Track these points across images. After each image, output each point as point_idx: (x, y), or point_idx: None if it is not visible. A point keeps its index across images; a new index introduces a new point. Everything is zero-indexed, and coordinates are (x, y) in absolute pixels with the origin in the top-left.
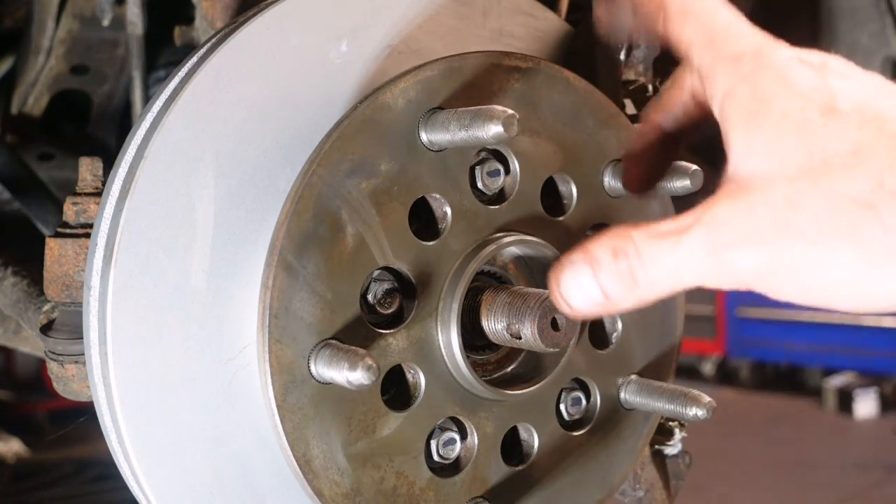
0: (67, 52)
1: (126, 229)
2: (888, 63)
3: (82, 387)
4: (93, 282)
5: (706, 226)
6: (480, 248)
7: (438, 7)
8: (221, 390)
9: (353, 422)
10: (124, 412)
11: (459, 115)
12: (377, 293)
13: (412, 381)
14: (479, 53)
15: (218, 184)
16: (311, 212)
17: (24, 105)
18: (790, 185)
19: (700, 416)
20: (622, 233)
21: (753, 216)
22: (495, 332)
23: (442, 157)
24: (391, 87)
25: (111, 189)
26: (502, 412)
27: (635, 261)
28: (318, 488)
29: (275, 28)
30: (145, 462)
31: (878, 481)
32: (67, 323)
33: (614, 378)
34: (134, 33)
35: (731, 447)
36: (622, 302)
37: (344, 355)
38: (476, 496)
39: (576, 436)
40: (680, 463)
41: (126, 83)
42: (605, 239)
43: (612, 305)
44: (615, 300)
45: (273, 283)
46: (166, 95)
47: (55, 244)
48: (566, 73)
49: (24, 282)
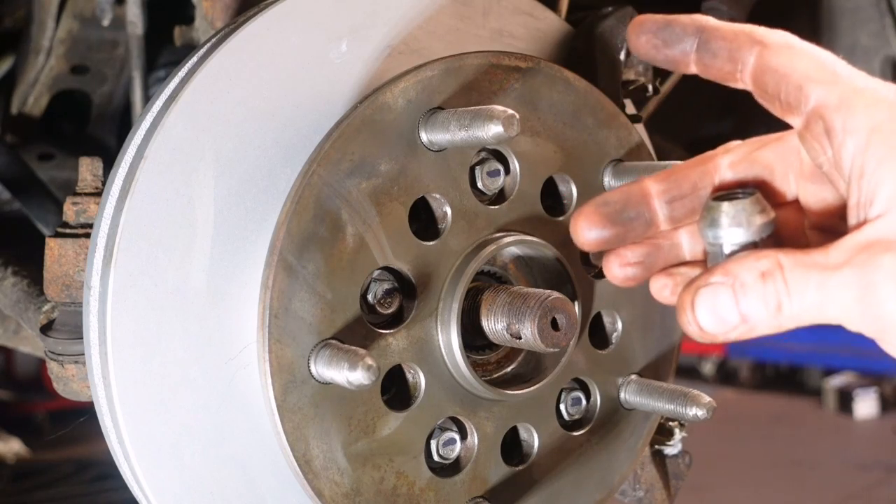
0: (67, 52)
1: (126, 229)
2: (888, 63)
3: (82, 387)
4: (93, 282)
5: (860, 269)
6: (480, 248)
7: (438, 7)
8: (221, 390)
9: (353, 422)
10: (124, 412)
11: (459, 115)
12: (377, 293)
13: (412, 381)
14: (478, 53)
15: (218, 184)
16: (311, 212)
17: (24, 105)
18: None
19: (700, 416)
20: (770, 255)
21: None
22: (495, 332)
23: (442, 157)
24: (391, 87)
25: (111, 189)
26: (502, 412)
27: (782, 286)
28: (318, 488)
29: (275, 28)
30: (145, 462)
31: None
32: (67, 323)
33: (614, 378)
34: (134, 33)
35: (731, 447)
36: (758, 328)
37: (344, 355)
38: (476, 496)
39: (576, 436)
40: (680, 463)
41: (126, 83)
42: (750, 260)
43: (748, 331)
44: (753, 325)
45: (273, 283)
46: (166, 95)
47: (55, 244)
48: (566, 73)
49: (24, 282)
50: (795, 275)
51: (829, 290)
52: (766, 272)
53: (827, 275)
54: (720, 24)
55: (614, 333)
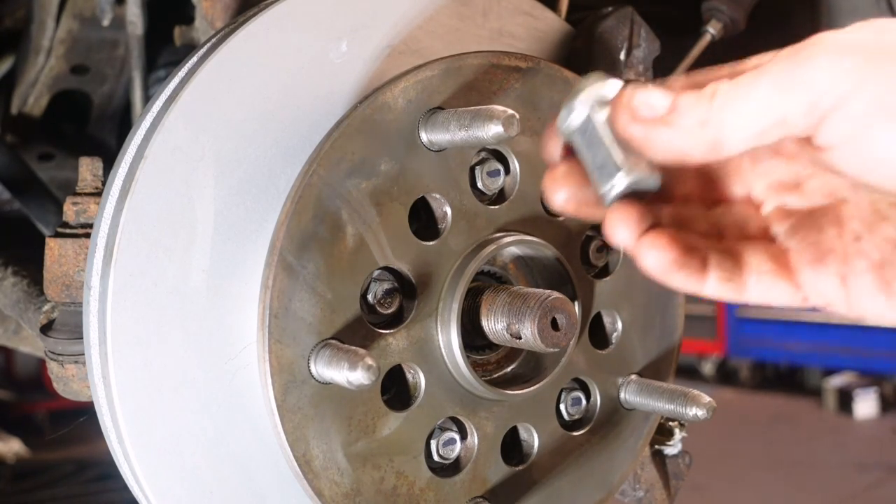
0: (67, 52)
1: (126, 229)
2: None
3: (82, 387)
4: (93, 282)
5: (789, 57)
6: (480, 248)
7: (438, 7)
8: (221, 390)
9: (353, 422)
10: (124, 412)
11: (459, 115)
12: (377, 293)
13: (412, 381)
14: (478, 53)
15: (218, 184)
16: (311, 212)
17: (24, 105)
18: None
19: (700, 416)
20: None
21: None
22: (495, 332)
23: (442, 157)
24: (391, 87)
25: (111, 189)
26: (502, 412)
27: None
28: (318, 488)
29: (275, 28)
30: (145, 462)
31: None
32: (67, 323)
33: (614, 378)
34: (134, 33)
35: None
36: (687, 129)
37: (344, 355)
38: (476, 496)
39: (576, 436)
40: (680, 463)
41: (126, 83)
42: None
43: (676, 132)
44: (680, 117)
45: (273, 283)
46: (166, 95)
47: (55, 244)
48: (566, 73)
49: (24, 282)
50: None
51: (760, 87)
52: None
53: (756, 75)
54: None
55: (614, 333)
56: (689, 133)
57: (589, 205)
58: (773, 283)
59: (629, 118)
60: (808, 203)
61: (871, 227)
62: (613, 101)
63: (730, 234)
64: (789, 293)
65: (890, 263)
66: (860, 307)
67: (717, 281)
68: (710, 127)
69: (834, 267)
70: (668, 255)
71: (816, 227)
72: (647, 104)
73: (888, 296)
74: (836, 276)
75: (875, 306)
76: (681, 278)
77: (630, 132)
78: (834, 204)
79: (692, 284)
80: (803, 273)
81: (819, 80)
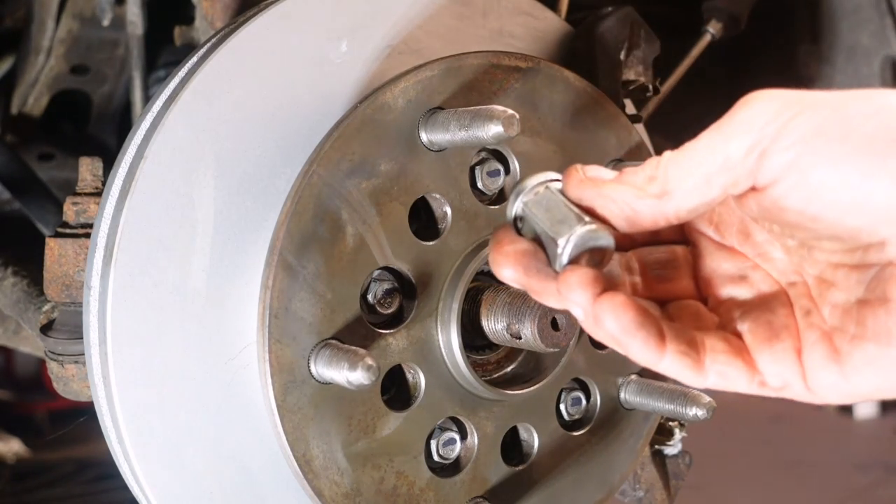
0: (67, 52)
1: (126, 229)
2: (888, 63)
3: (82, 387)
4: (93, 282)
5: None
6: (480, 248)
7: (438, 7)
8: (221, 390)
9: (353, 422)
10: (124, 412)
11: (459, 115)
12: (377, 293)
13: (412, 381)
14: (478, 53)
15: (218, 184)
16: (311, 212)
17: (24, 105)
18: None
19: (700, 416)
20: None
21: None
22: (495, 332)
23: (442, 157)
24: (391, 87)
25: (111, 189)
26: (502, 412)
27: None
28: (318, 488)
29: (275, 28)
30: (145, 462)
31: (878, 481)
32: (67, 323)
33: (614, 378)
34: (134, 33)
35: (731, 447)
36: (637, 184)
37: (344, 355)
38: (476, 496)
39: (576, 436)
40: (680, 463)
41: (126, 83)
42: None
43: (625, 188)
44: (629, 175)
45: (273, 283)
46: (166, 95)
47: (55, 244)
48: (566, 73)
49: (24, 282)
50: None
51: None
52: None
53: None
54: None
55: None
56: (639, 188)
57: (538, 276)
58: (728, 364)
59: (581, 179)
60: (756, 292)
61: (820, 296)
62: (566, 172)
63: (684, 323)
64: (746, 376)
65: (839, 330)
66: (816, 383)
67: (675, 354)
68: (658, 181)
69: (789, 342)
70: (627, 315)
71: (768, 309)
72: (598, 171)
73: (840, 365)
74: (792, 352)
75: (829, 379)
76: (639, 344)
77: (582, 192)
78: (781, 289)
79: (651, 353)
80: (758, 352)
81: (757, 117)
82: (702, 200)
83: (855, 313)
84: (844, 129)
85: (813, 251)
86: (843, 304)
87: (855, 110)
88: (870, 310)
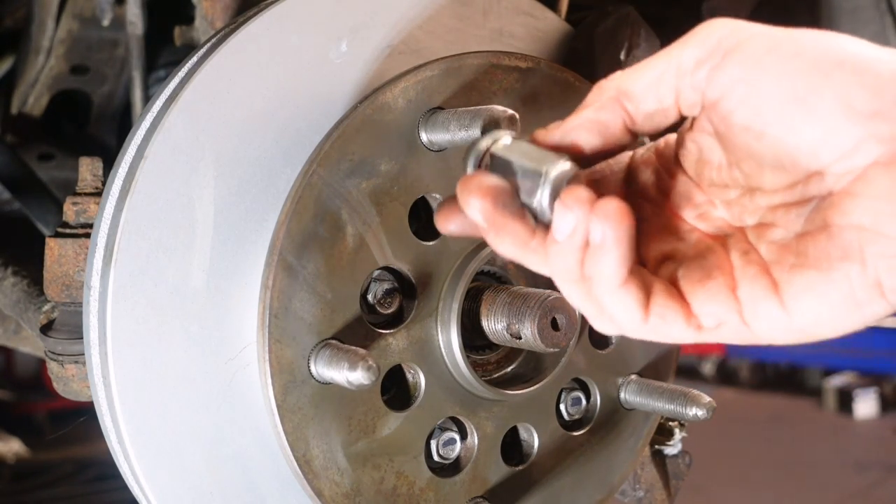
0: (67, 52)
1: (126, 229)
2: None
3: (82, 387)
4: (93, 282)
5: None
6: (480, 247)
7: (438, 7)
8: (221, 390)
9: (353, 422)
10: (124, 412)
11: (459, 115)
12: (377, 293)
13: (412, 381)
14: (478, 53)
15: (218, 184)
16: (311, 212)
17: (24, 105)
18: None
19: (700, 416)
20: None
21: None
22: (495, 332)
23: (442, 157)
24: (391, 87)
25: (111, 189)
26: (502, 412)
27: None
28: (318, 488)
29: (275, 28)
30: (145, 462)
31: (878, 481)
32: (67, 323)
33: (614, 378)
34: (134, 33)
35: (731, 447)
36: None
37: (344, 355)
38: (476, 496)
39: (576, 436)
40: (680, 463)
41: (126, 83)
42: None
43: (588, 108)
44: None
45: (273, 283)
46: (166, 95)
47: (55, 244)
48: (566, 73)
49: (24, 282)
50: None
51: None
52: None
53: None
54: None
55: None
56: (595, 100)
57: (503, 212)
58: (666, 306)
59: (545, 130)
60: (693, 248)
61: (758, 238)
62: (531, 136)
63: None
64: (682, 318)
65: (777, 263)
66: (753, 318)
67: (633, 287)
68: (612, 83)
69: (721, 279)
70: (626, 220)
71: (702, 256)
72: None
73: (779, 295)
74: (725, 288)
75: (767, 311)
76: (621, 254)
77: (549, 138)
78: (718, 239)
79: (621, 273)
80: (692, 294)
81: (712, 35)
82: (658, 106)
83: (794, 246)
84: (794, 49)
85: (755, 196)
86: (782, 240)
87: (807, 39)
88: (810, 238)
